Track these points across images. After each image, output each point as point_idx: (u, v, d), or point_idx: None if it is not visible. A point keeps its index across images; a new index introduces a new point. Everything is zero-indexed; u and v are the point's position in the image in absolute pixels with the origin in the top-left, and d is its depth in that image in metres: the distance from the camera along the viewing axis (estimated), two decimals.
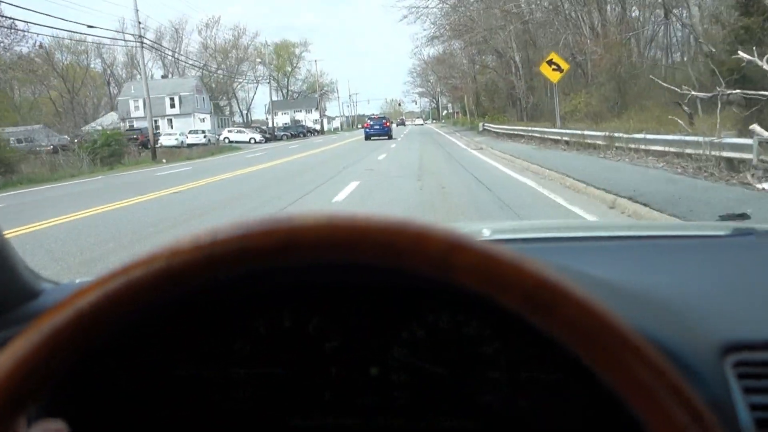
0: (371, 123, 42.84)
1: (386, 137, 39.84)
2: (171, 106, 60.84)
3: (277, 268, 0.43)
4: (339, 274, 0.67)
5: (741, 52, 10.18)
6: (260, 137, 52.27)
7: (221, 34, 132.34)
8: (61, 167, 23.77)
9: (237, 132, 54.14)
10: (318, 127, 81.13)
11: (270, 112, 59.17)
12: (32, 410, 0.43)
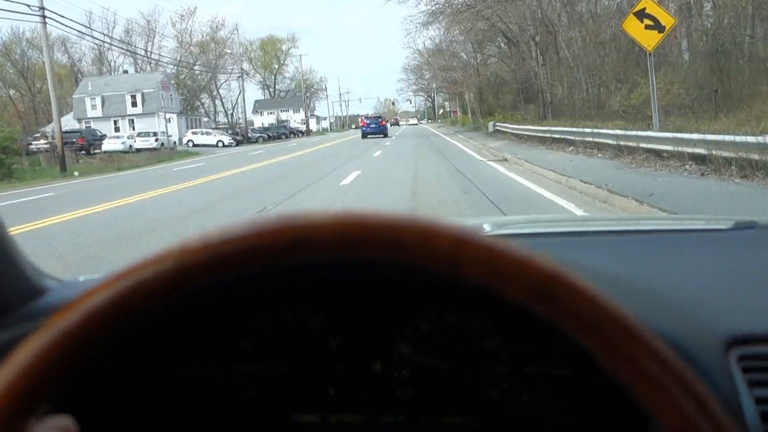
0: (368, 122, 44.58)
1: (382, 135, 41.86)
2: (132, 104, 53.00)
3: (285, 267, 0.42)
4: (343, 270, 0.68)
5: None
6: (229, 140, 45.08)
7: (198, 26, 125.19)
8: None
9: (203, 134, 46.86)
10: (304, 127, 73.77)
11: (243, 112, 52.04)
12: (42, 407, 0.43)
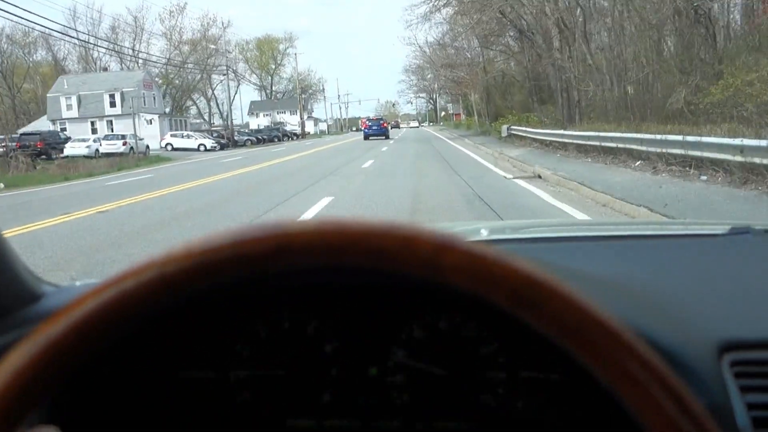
0: (369, 124, 45.81)
1: (383, 137, 43.37)
2: (111, 104, 49.02)
3: (271, 273, 0.43)
4: (337, 275, 0.68)
5: None
6: (212, 143, 41.17)
7: (188, 23, 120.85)
8: None
9: (183, 137, 42.97)
10: (299, 130, 69.75)
11: (229, 112, 48.27)
12: (28, 416, 0.43)
